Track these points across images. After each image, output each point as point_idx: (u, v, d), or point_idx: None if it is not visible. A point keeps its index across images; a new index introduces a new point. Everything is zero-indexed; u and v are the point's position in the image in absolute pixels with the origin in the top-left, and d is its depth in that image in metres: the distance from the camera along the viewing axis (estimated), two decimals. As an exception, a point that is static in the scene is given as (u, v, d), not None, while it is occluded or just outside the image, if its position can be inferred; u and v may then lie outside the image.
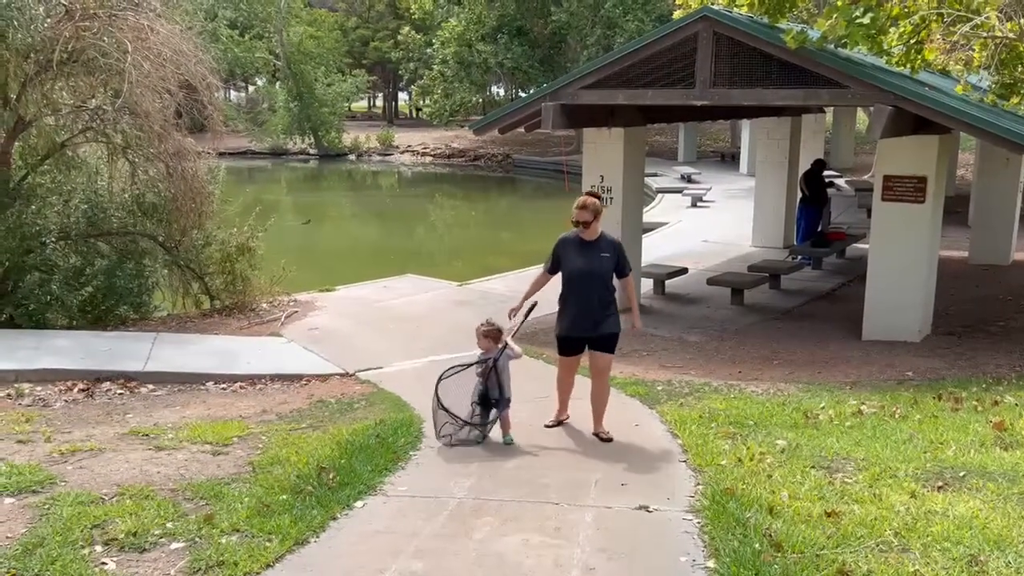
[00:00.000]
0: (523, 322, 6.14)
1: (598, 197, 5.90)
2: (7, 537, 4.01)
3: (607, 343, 5.87)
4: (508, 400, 5.82)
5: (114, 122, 9.53)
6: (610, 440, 5.82)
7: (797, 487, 4.59)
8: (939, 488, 4.52)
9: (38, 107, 9.38)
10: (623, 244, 6.18)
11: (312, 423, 6.45)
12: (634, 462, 5.33)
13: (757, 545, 3.85)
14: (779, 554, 3.75)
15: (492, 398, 5.76)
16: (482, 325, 5.90)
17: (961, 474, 4.74)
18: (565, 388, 6.17)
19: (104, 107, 9.50)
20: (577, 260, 5.79)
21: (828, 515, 4.14)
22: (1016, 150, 8.13)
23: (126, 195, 10.21)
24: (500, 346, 5.81)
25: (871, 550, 3.76)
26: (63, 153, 9.85)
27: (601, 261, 5.76)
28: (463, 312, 10.45)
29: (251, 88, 51.78)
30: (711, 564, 3.80)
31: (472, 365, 5.85)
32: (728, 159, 29.61)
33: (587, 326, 5.80)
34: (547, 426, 6.10)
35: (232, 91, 51.42)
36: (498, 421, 5.84)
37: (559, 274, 5.94)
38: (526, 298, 6.01)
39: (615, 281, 5.88)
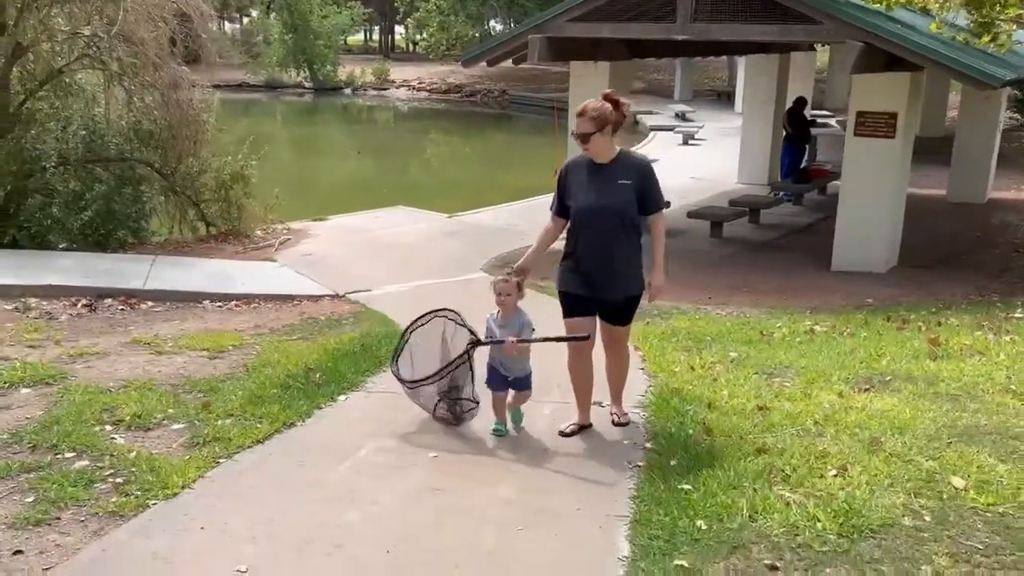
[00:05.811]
0: (542, 340, 4.33)
1: (615, 103, 4.17)
2: (26, 418, 4.53)
3: (623, 312, 4.35)
4: (525, 379, 4.46)
5: (109, 49, 9.77)
6: (626, 424, 4.57)
7: (737, 388, 5.08)
8: (865, 390, 5.01)
9: (36, 33, 9.60)
10: None
11: (302, 336, 6.91)
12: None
13: (691, 431, 4.35)
14: (709, 437, 4.25)
15: (505, 375, 4.43)
16: (500, 280, 4.34)
17: (888, 379, 5.23)
18: (581, 376, 4.48)
19: (100, 34, 9.72)
20: (585, 192, 4.21)
21: (759, 409, 4.64)
22: (978, 86, 8.43)
23: (123, 122, 10.50)
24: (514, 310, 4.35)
25: (791, 435, 4.26)
26: (60, 79, 10.09)
27: (616, 191, 4.14)
28: (452, 242, 10.86)
29: (245, 20, 51.11)
30: (649, 445, 4.31)
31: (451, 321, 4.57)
32: (724, 98, 29.63)
33: (597, 284, 4.22)
34: (562, 433, 4.50)
35: (226, 23, 50.69)
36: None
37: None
38: (535, 256, 4.42)
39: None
